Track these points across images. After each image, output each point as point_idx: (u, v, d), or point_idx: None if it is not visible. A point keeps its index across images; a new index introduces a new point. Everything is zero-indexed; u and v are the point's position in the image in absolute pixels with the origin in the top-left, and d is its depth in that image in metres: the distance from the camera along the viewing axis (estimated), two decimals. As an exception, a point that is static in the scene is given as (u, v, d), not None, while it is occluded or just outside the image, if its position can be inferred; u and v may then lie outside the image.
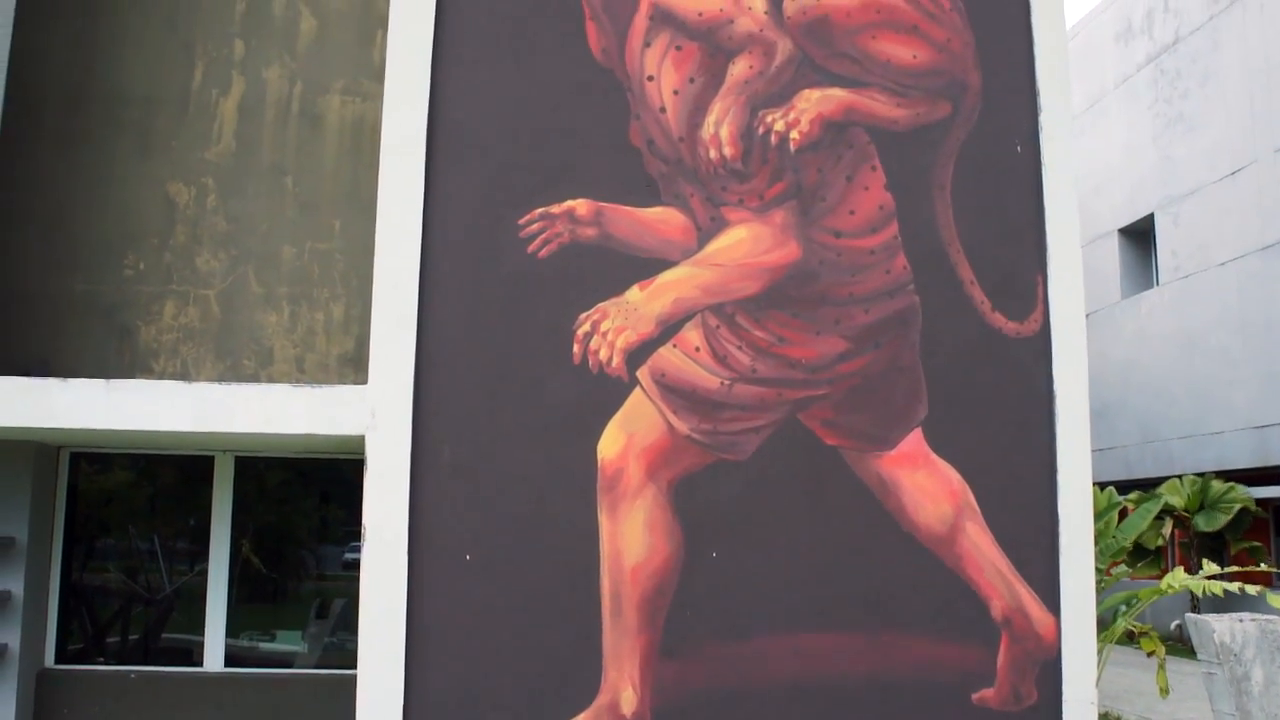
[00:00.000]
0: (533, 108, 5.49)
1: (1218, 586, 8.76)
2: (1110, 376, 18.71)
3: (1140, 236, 19.58)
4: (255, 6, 6.17)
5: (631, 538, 5.17)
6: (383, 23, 5.98)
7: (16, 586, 6.57)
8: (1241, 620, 7.62)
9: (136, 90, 6.12)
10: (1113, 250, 19.48)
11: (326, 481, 7.38)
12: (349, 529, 7.41)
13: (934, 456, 5.43)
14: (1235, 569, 10.13)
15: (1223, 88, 16.96)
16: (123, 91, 6.11)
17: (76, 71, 6.12)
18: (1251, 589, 9.06)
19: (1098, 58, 20.28)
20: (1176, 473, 17.75)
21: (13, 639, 6.62)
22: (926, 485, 5.40)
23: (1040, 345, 5.60)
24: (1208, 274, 17.10)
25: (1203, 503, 16.90)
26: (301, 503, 7.57)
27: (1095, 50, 20.43)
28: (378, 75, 5.95)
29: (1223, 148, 16.89)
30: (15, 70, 5.91)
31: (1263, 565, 13.96)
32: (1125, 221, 19.31)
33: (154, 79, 6.13)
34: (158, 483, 7.37)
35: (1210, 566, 9.29)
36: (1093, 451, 5.62)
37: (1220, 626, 7.57)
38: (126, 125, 6.08)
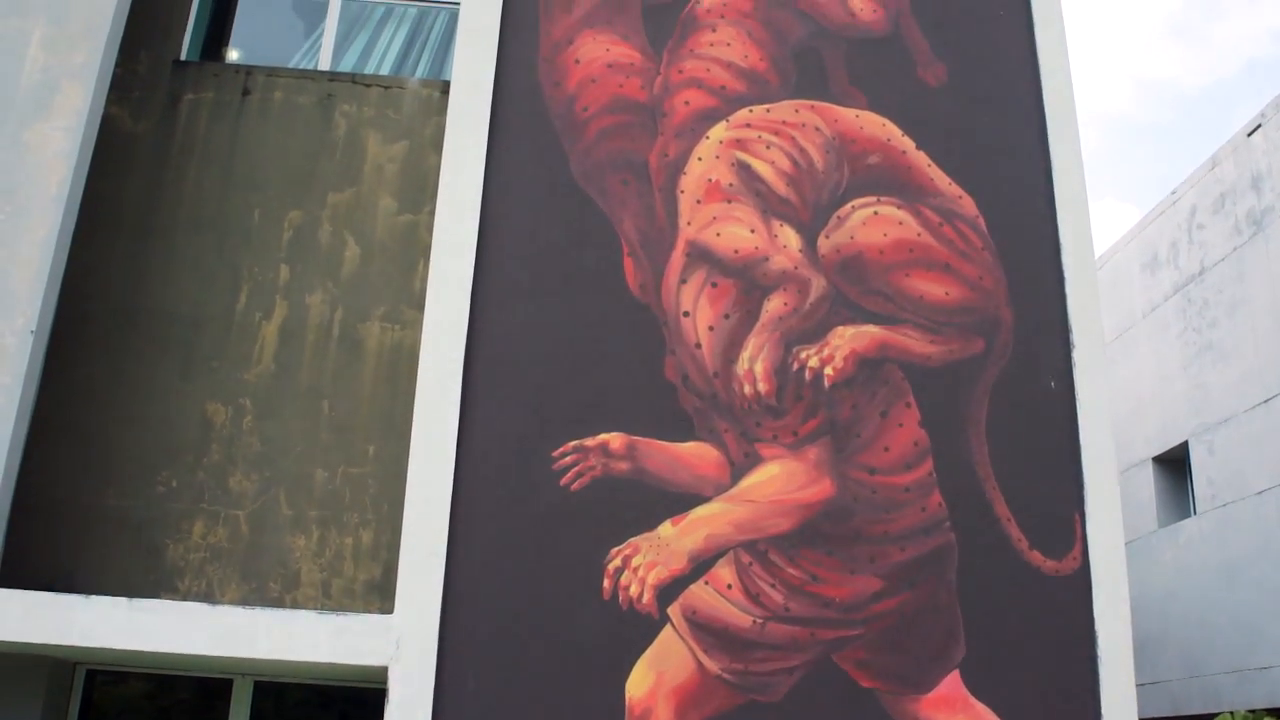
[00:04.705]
0: (569, 340, 5.58)
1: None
2: (1150, 608, 18.24)
3: (1175, 465, 19.40)
4: (302, 234, 6.36)
5: (658, 782, 4.99)
6: (425, 253, 6.14)
7: (19, 810, 6.35)
8: None
9: (183, 310, 6.25)
10: (1148, 479, 19.28)
11: (345, 701, 7.19)
12: (366, 752, 7.19)
13: (972, 699, 5.27)
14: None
15: (1251, 316, 17.09)
16: (169, 311, 6.25)
17: (126, 289, 6.28)
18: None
19: (1125, 288, 20.55)
20: (1225, 709, 17.07)
21: None
22: (965, 731, 5.22)
23: (1080, 584, 5.49)
24: (1246, 503, 16.85)
25: (1253, 742, 16.19)
26: (319, 723, 7.37)
27: (1123, 280, 20.72)
28: (418, 303, 6.07)
29: (1254, 376, 16.88)
30: (68, 285, 6.07)
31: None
32: (1159, 450, 19.17)
33: (200, 300, 6.27)
34: (173, 698, 7.21)
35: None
36: (1135, 687, 5.44)
37: None
38: (171, 344, 6.19)
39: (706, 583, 5.23)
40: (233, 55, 7.29)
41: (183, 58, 6.77)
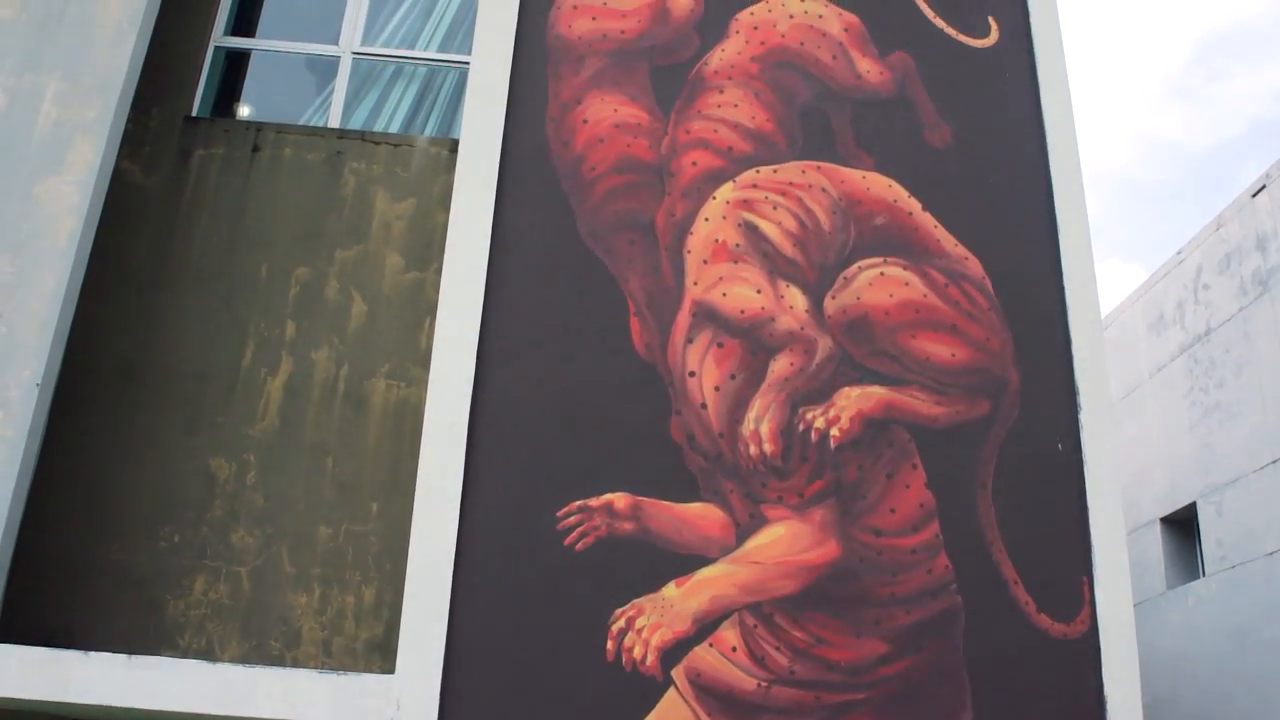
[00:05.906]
0: (574, 399, 5.57)
1: None
2: (1159, 671, 18.04)
3: (1183, 526, 19.26)
4: (309, 290, 6.37)
5: None
6: (431, 310, 6.15)
7: None
8: None
9: (188, 365, 6.25)
10: (1155, 540, 19.14)
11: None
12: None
13: (980, 766, 5.20)
14: None
15: (1259, 376, 17.03)
16: (175, 366, 6.25)
17: (132, 344, 6.28)
18: None
19: (1132, 348, 20.51)
20: (1236, 775, 16.82)
21: None
22: (973, 798, 5.14)
23: (1088, 647, 5.44)
24: (1256, 564, 16.71)
25: (1265, 809, 15.94)
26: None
27: (1129, 340, 20.69)
28: (424, 361, 6.07)
29: (1262, 436, 16.80)
30: (75, 338, 6.08)
31: None
32: (1167, 511, 19.04)
33: (206, 355, 6.28)
34: (170, 756, 7.13)
35: None
36: (1145, 753, 5.38)
37: None
38: (175, 399, 6.19)
39: (711, 645, 5.19)
40: (244, 112, 7.36)
41: (194, 113, 6.83)
